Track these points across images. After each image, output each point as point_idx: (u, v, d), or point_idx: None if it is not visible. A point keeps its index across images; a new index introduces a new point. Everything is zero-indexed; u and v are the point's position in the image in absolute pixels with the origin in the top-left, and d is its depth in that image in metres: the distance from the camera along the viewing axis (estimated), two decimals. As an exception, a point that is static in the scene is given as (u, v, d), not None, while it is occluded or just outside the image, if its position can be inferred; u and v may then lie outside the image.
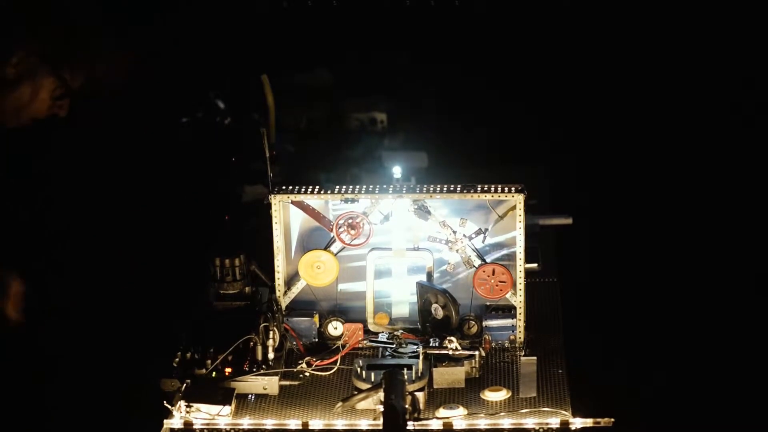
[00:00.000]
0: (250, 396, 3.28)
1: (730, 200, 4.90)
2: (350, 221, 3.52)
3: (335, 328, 3.52)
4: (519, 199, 3.44)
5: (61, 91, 3.33)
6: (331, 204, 3.56)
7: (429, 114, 5.15)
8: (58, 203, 3.56)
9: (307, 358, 3.40)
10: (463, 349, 3.34)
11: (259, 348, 3.35)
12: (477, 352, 3.33)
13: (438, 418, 3.14)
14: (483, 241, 3.51)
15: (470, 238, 3.49)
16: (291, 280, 3.58)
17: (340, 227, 3.52)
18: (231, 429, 3.16)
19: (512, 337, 3.49)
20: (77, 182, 3.60)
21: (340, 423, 3.15)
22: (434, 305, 3.46)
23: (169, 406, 3.17)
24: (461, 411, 3.16)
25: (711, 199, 4.91)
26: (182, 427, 3.15)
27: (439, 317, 3.46)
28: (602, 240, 4.71)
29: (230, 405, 3.19)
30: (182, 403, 3.17)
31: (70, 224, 3.66)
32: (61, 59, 3.28)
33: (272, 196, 3.51)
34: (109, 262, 3.89)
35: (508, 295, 3.49)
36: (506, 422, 3.12)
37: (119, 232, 3.95)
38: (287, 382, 3.33)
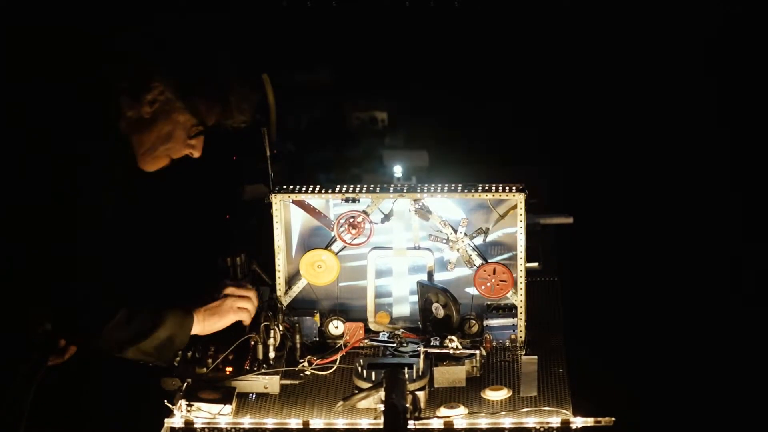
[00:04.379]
0: (250, 395, 3.28)
1: (731, 198, 4.91)
2: (351, 220, 3.52)
3: (336, 327, 3.52)
4: (520, 199, 3.43)
5: (197, 129, 3.15)
6: (332, 203, 3.56)
7: (430, 113, 5.15)
8: None
9: (308, 357, 3.39)
10: (464, 348, 3.34)
11: (260, 347, 3.35)
12: (478, 352, 3.33)
13: (439, 417, 3.14)
14: (484, 241, 3.51)
15: (471, 237, 3.49)
16: (292, 279, 3.58)
17: (341, 226, 3.52)
18: (232, 428, 3.16)
19: (513, 336, 3.49)
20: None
21: (340, 422, 3.15)
22: (435, 304, 3.46)
23: (170, 405, 3.17)
24: (462, 410, 3.16)
25: (712, 198, 4.92)
26: (183, 426, 3.15)
27: (440, 316, 3.46)
28: (603, 239, 4.72)
29: (231, 404, 3.19)
30: (183, 402, 3.16)
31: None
32: (195, 93, 3.10)
33: (273, 195, 3.51)
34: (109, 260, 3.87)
35: (509, 295, 3.49)
36: (507, 421, 3.12)
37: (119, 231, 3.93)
38: (288, 381, 3.32)
